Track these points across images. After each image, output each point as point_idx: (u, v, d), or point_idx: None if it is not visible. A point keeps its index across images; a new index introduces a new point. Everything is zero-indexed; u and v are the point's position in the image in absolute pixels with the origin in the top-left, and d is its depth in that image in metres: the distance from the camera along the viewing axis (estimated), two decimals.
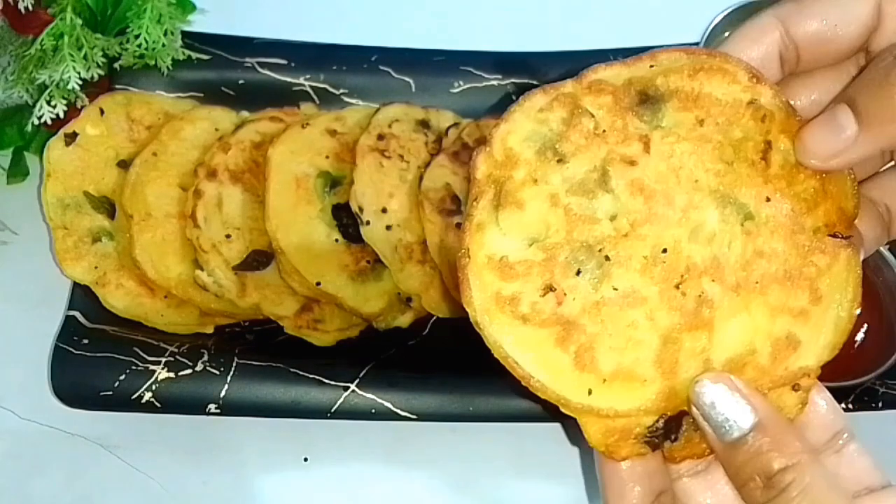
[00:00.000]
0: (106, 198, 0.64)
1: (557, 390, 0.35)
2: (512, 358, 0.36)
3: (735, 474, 0.34)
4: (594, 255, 0.36)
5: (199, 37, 0.70)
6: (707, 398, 0.34)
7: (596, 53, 0.71)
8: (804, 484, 0.32)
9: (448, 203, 0.63)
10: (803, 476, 0.32)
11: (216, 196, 0.63)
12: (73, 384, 0.58)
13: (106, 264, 0.63)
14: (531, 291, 0.36)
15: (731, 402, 0.34)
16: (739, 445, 0.34)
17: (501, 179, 0.36)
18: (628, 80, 0.37)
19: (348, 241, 0.63)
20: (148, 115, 0.67)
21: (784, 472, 0.33)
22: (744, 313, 0.36)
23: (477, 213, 0.36)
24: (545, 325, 0.35)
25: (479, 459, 0.61)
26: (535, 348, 0.36)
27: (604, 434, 0.36)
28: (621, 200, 0.36)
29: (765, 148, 0.36)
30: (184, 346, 0.60)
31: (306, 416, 0.59)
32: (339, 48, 0.72)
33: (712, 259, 0.36)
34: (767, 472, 0.33)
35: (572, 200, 0.36)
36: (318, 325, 0.62)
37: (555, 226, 0.36)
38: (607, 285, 0.36)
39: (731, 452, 0.34)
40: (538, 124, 0.37)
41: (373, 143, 0.65)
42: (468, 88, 0.71)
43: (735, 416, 0.34)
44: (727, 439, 0.34)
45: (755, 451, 0.33)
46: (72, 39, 0.63)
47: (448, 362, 0.61)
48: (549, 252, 0.36)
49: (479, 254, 0.36)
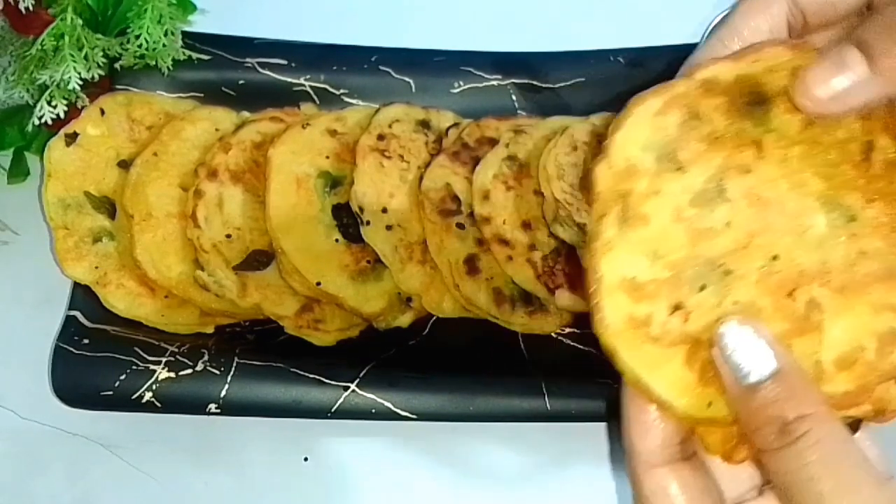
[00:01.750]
0: (107, 198, 0.64)
1: (683, 408, 0.35)
2: (644, 382, 0.34)
3: (748, 419, 0.33)
4: (716, 269, 0.35)
5: (199, 37, 0.70)
6: (730, 340, 0.33)
7: (596, 53, 0.72)
8: (819, 436, 0.31)
9: (448, 203, 0.63)
10: (820, 428, 0.32)
11: (217, 196, 0.63)
12: (73, 384, 0.59)
13: (107, 264, 0.63)
14: (660, 311, 0.34)
15: (754, 346, 0.33)
16: (757, 390, 0.33)
17: (624, 193, 0.35)
18: (737, 79, 0.36)
19: (349, 241, 0.63)
20: (149, 116, 0.67)
21: (800, 420, 0.32)
22: (849, 313, 0.35)
23: (605, 230, 0.35)
24: (674, 345, 0.34)
25: (479, 459, 0.61)
26: (665, 369, 0.35)
27: (722, 441, 0.36)
28: (737, 210, 0.35)
29: (867, 147, 0.35)
30: (184, 345, 0.60)
31: (306, 415, 0.59)
32: (339, 48, 0.72)
33: (820, 264, 0.35)
34: (783, 419, 0.32)
35: (694, 213, 0.35)
36: (319, 325, 0.62)
37: (678, 240, 0.35)
38: (729, 300, 0.35)
39: (748, 396, 0.33)
40: (655, 131, 0.35)
41: (373, 144, 0.65)
42: (468, 88, 0.71)
43: (757, 361, 0.33)
44: (745, 383, 0.33)
45: (773, 397, 0.32)
46: (72, 40, 0.63)
47: (448, 362, 0.61)
48: (675, 269, 0.35)
49: (611, 275, 0.34)
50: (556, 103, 0.71)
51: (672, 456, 0.36)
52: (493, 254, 0.62)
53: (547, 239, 0.63)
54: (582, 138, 0.65)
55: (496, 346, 0.63)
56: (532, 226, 0.63)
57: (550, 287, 0.62)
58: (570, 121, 0.67)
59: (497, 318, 0.62)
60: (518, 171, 0.65)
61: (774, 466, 0.33)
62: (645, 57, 0.71)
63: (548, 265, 0.62)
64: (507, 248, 0.62)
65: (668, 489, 0.36)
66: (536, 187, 0.64)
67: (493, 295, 0.62)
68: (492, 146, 0.66)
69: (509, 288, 0.63)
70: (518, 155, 0.65)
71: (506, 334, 0.63)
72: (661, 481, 0.36)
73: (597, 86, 0.70)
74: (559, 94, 0.71)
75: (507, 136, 0.66)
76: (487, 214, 0.63)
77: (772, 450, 0.32)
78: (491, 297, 0.62)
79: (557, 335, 0.64)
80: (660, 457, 0.36)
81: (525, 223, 0.63)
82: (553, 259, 0.62)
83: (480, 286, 0.62)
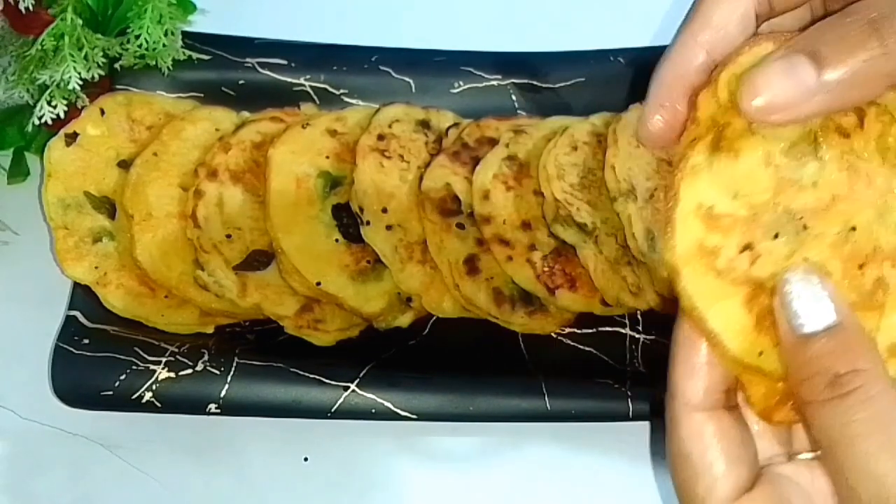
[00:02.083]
0: (107, 198, 0.64)
1: (734, 349, 0.34)
2: (700, 310, 0.34)
3: (799, 369, 0.32)
4: (794, 221, 0.34)
5: (199, 37, 0.70)
6: (794, 287, 0.33)
7: (596, 53, 0.72)
8: (870, 394, 0.31)
9: (448, 203, 0.63)
10: (871, 386, 0.31)
11: (217, 196, 0.63)
12: (73, 384, 0.59)
13: (107, 264, 0.63)
14: (731, 247, 0.34)
15: (817, 297, 0.33)
16: (812, 340, 0.32)
17: (722, 124, 0.35)
18: None
19: (349, 241, 0.63)
20: (149, 116, 0.67)
21: (854, 374, 0.31)
22: None
23: (694, 155, 0.34)
24: (736, 284, 0.34)
25: (478, 459, 0.61)
26: (724, 305, 0.34)
27: (765, 395, 0.35)
28: (827, 171, 0.35)
29: None
30: (184, 345, 0.60)
31: (306, 415, 0.59)
32: (339, 48, 0.72)
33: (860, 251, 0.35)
34: (835, 371, 0.31)
35: (784, 162, 0.35)
36: (319, 324, 0.62)
37: (763, 184, 0.34)
38: (800, 254, 0.34)
39: (802, 346, 0.32)
40: None
41: (373, 144, 0.65)
42: (468, 88, 0.71)
43: (816, 312, 0.32)
44: (801, 332, 0.32)
45: (828, 349, 0.32)
46: (72, 40, 0.63)
47: (448, 362, 0.61)
48: (754, 210, 0.34)
49: (690, 198, 0.34)
50: (556, 103, 0.71)
51: (715, 402, 0.36)
52: (493, 254, 0.62)
53: (547, 239, 0.63)
54: (582, 138, 0.65)
55: (496, 346, 0.63)
56: (532, 226, 0.63)
57: (550, 287, 0.62)
58: (570, 121, 0.67)
59: (497, 318, 0.62)
60: (518, 171, 0.65)
61: (820, 420, 0.32)
62: (645, 57, 0.71)
63: (548, 265, 0.62)
64: (507, 248, 0.62)
65: (704, 434, 0.35)
66: (536, 187, 0.64)
67: (493, 295, 0.62)
68: (492, 146, 0.66)
69: (509, 288, 0.63)
70: (518, 155, 0.65)
71: (506, 334, 0.63)
72: (699, 425, 0.36)
73: (597, 86, 0.70)
74: (559, 94, 0.71)
75: (507, 136, 0.66)
76: (487, 214, 0.63)
77: (819, 401, 0.31)
78: (491, 297, 0.62)
79: (557, 335, 0.64)
80: (702, 401, 0.35)
81: (525, 223, 0.63)
82: (553, 259, 0.62)
83: (480, 286, 0.62)
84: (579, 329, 0.64)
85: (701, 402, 0.36)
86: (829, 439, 0.32)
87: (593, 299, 0.62)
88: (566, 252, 0.63)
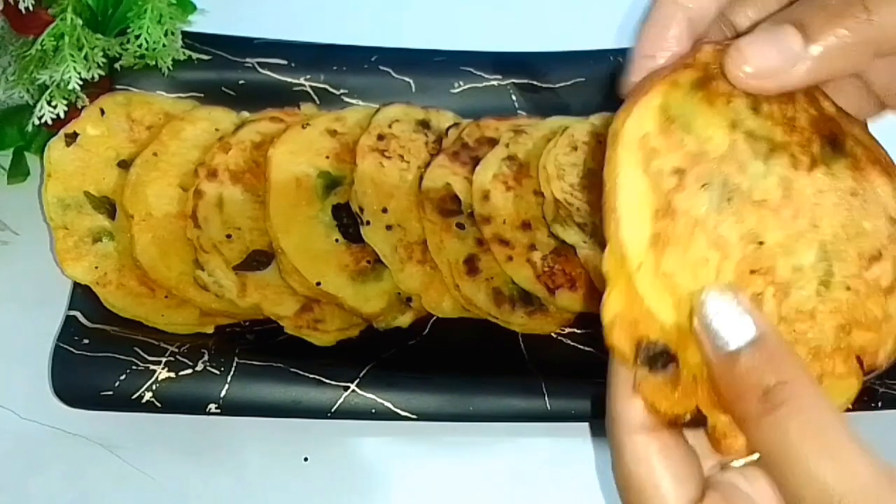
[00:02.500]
0: (106, 198, 0.64)
1: (624, 241, 0.34)
2: (618, 184, 0.34)
3: (728, 388, 0.33)
4: (723, 190, 0.35)
5: (199, 37, 0.70)
6: (712, 306, 0.33)
7: (596, 53, 0.72)
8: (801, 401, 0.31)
9: (448, 203, 0.63)
10: (801, 393, 0.31)
11: (217, 196, 0.63)
12: (73, 384, 0.59)
13: (106, 264, 0.63)
14: (668, 160, 0.35)
15: (735, 313, 0.33)
16: (737, 357, 0.32)
17: (714, 72, 0.35)
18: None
19: (348, 241, 0.63)
20: (148, 116, 0.67)
21: (782, 385, 0.31)
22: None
23: (681, 73, 0.35)
24: (657, 193, 0.35)
25: (478, 459, 0.61)
26: (637, 196, 0.34)
27: (620, 314, 0.35)
28: (767, 180, 0.35)
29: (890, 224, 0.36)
30: (184, 346, 0.60)
31: (306, 415, 0.59)
32: (339, 48, 0.72)
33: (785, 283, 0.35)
34: (765, 385, 0.31)
35: (742, 143, 0.35)
36: (319, 324, 0.62)
37: (719, 143, 0.35)
38: (712, 218, 0.35)
39: (728, 364, 0.32)
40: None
41: (373, 144, 0.65)
42: (468, 88, 0.71)
43: (737, 327, 0.33)
44: (726, 350, 0.33)
45: (754, 363, 0.32)
46: (72, 40, 0.63)
47: (448, 362, 0.61)
48: (701, 154, 0.35)
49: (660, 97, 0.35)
50: (555, 103, 0.71)
51: (655, 423, 0.36)
52: (493, 254, 0.62)
53: (547, 239, 0.63)
54: (582, 138, 0.65)
55: (496, 346, 0.63)
56: (532, 226, 0.63)
57: (550, 287, 0.62)
58: (570, 121, 0.67)
59: (497, 318, 0.62)
60: (518, 171, 0.65)
61: (759, 434, 0.32)
62: None
63: (548, 265, 0.62)
64: (507, 248, 0.62)
65: (649, 455, 0.36)
66: (536, 187, 0.64)
67: (492, 295, 0.62)
68: (492, 146, 0.66)
69: (509, 288, 0.63)
70: (518, 155, 0.65)
71: (506, 334, 0.63)
72: (643, 447, 0.36)
73: (597, 86, 0.70)
74: (559, 94, 0.72)
75: (507, 136, 0.66)
76: (487, 214, 0.63)
77: (755, 416, 0.32)
78: (491, 297, 0.62)
79: (557, 335, 0.64)
80: (643, 422, 0.36)
81: (525, 223, 0.63)
82: (553, 259, 0.62)
83: (480, 286, 0.62)
84: (579, 329, 0.64)
85: (641, 424, 0.36)
86: (770, 451, 0.32)
87: (593, 299, 0.62)
88: (566, 252, 0.63)
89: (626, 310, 0.35)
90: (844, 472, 0.30)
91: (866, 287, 0.36)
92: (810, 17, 0.33)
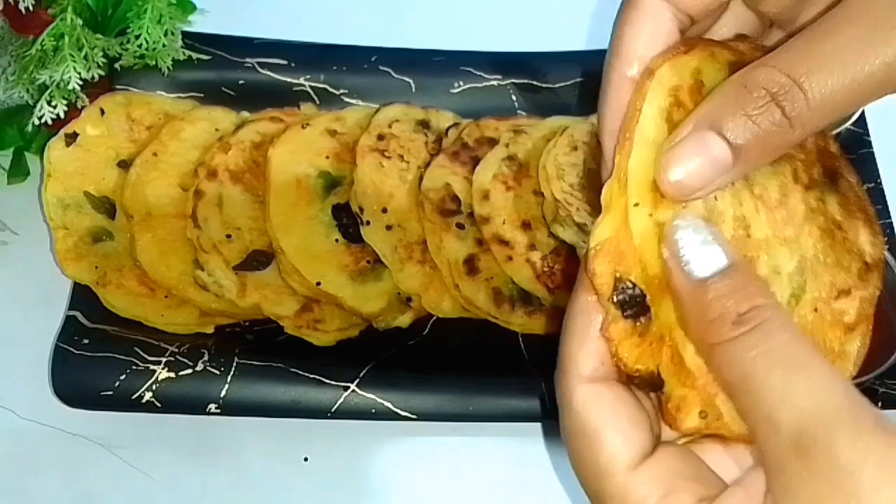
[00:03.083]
0: (106, 198, 0.64)
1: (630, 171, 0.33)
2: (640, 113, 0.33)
3: (701, 313, 0.32)
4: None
5: (199, 37, 0.70)
6: (683, 234, 0.33)
7: (596, 53, 0.72)
8: (774, 325, 0.31)
9: (448, 203, 0.63)
10: (774, 318, 0.31)
11: (216, 196, 0.63)
12: (73, 384, 0.59)
13: (106, 264, 0.63)
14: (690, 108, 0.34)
15: (706, 242, 0.32)
16: (709, 284, 0.32)
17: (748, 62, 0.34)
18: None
19: (348, 241, 0.63)
20: (148, 116, 0.67)
21: (755, 310, 0.31)
22: None
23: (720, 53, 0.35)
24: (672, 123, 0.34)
25: (479, 459, 0.61)
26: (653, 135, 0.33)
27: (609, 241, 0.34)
28: (770, 180, 0.35)
29: (863, 268, 0.37)
30: (184, 345, 0.60)
31: (306, 415, 0.59)
32: (339, 48, 0.72)
33: (764, 279, 0.35)
34: (739, 308, 0.31)
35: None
36: (318, 324, 0.62)
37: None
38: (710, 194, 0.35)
39: (699, 291, 0.32)
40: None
41: (373, 144, 0.65)
42: (468, 88, 0.71)
43: (708, 255, 0.32)
44: (696, 276, 0.32)
45: (726, 290, 0.32)
46: (72, 40, 0.63)
47: (448, 362, 0.61)
48: None
49: (697, 63, 0.34)
50: (555, 103, 0.71)
51: (607, 374, 0.35)
52: (492, 254, 0.62)
53: (547, 239, 0.63)
54: (581, 138, 0.65)
55: (496, 346, 0.63)
56: (532, 226, 0.63)
57: (550, 287, 0.62)
58: (570, 121, 0.67)
59: (497, 318, 0.62)
60: (518, 171, 0.65)
61: (730, 359, 0.31)
62: None
63: (548, 265, 0.62)
64: (507, 248, 0.62)
65: (601, 403, 0.34)
66: (536, 187, 0.64)
67: (492, 295, 0.62)
68: (491, 146, 0.66)
69: (509, 288, 0.63)
70: (518, 155, 0.65)
71: (505, 334, 0.63)
72: (594, 395, 0.34)
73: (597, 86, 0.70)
74: (559, 94, 0.72)
75: (507, 136, 0.66)
76: (487, 214, 0.63)
77: (726, 340, 0.31)
78: (490, 297, 0.62)
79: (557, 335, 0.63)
80: (596, 372, 0.35)
81: (525, 223, 0.63)
82: (553, 259, 0.62)
83: (480, 286, 0.62)
84: None
85: (594, 373, 0.35)
86: (742, 375, 0.31)
87: None
88: (566, 252, 0.63)
89: (615, 240, 0.34)
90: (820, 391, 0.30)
91: (831, 316, 0.36)
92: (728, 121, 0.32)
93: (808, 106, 0.31)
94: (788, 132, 0.31)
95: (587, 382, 0.35)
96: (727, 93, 0.33)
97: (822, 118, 0.32)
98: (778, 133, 0.31)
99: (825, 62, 0.31)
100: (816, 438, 0.29)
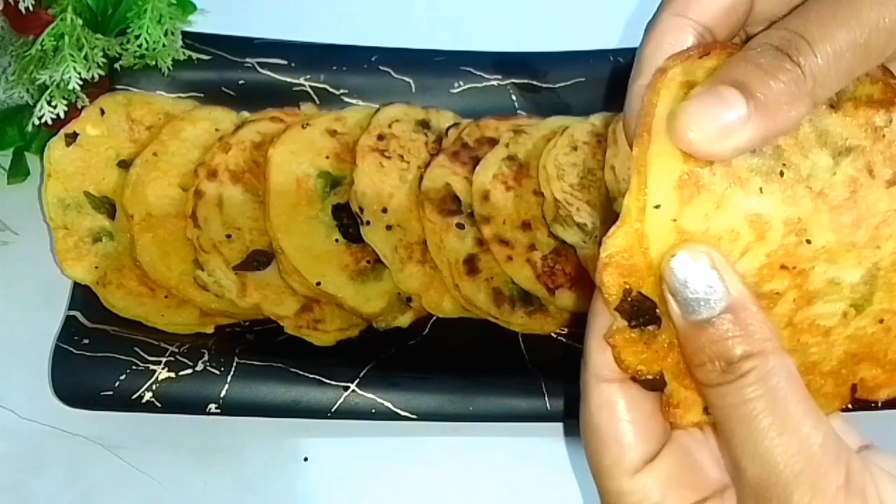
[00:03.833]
0: (106, 198, 0.64)
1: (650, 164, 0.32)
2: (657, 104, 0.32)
3: (693, 354, 0.32)
4: (777, 160, 0.32)
5: (199, 37, 0.70)
6: (680, 273, 0.32)
7: (596, 53, 0.72)
8: (764, 373, 0.31)
9: (448, 203, 0.63)
10: (765, 365, 0.31)
11: (216, 196, 0.63)
12: (73, 384, 0.59)
13: (106, 264, 0.63)
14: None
15: (706, 280, 0.32)
16: (705, 326, 0.32)
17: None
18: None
19: (348, 241, 0.63)
20: (148, 116, 0.67)
21: (746, 358, 0.31)
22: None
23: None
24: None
25: (479, 459, 0.61)
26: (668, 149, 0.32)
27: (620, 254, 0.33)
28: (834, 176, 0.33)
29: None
30: (184, 346, 0.60)
31: (306, 416, 0.59)
32: (339, 48, 0.72)
33: (814, 293, 0.33)
34: (729, 357, 0.31)
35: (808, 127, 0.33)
36: (319, 325, 0.62)
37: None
38: (755, 181, 0.32)
39: (695, 332, 0.32)
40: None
41: (373, 144, 0.65)
42: (468, 88, 0.71)
43: (707, 296, 0.32)
44: (693, 318, 0.32)
45: (720, 334, 0.31)
46: (72, 40, 0.63)
47: (448, 362, 0.61)
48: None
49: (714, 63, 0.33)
50: (555, 103, 0.71)
51: (625, 375, 0.36)
52: (493, 254, 0.62)
53: (547, 239, 0.63)
54: (582, 138, 0.65)
55: (496, 346, 0.63)
56: (532, 226, 0.63)
57: (550, 287, 0.62)
58: (570, 121, 0.67)
59: (497, 318, 0.62)
60: (518, 171, 0.65)
61: (714, 400, 0.32)
62: None
63: (548, 265, 0.62)
64: (507, 248, 0.62)
65: (613, 405, 0.36)
66: (536, 187, 0.64)
67: (492, 295, 0.62)
68: (491, 146, 0.66)
69: (509, 288, 0.63)
70: (518, 155, 0.65)
71: (506, 334, 0.63)
72: (608, 396, 0.36)
73: (597, 86, 0.70)
74: (559, 94, 0.72)
75: (507, 136, 0.66)
76: (487, 214, 0.63)
77: (713, 386, 0.32)
78: (491, 297, 0.62)
79: (557, 335, 0.64)
80: (612, 372, 0.35)
81: (525, 223, 0.63)
82: (553, 259, 0.62)
83: (480, 286, 0.62)
84: (579, 329, 0.63)
85: (611, 374, 0.36)
86: (722, 419, 0.32)
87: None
88: (566, 252, 0.63)
89: (628, 253, 0.32)
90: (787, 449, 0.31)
91: None
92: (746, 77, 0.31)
93: (816, 55, 0.31)
94: (801, 80, 0.31)
95: (604, 382, 0.36)
96: (737, 55, 0.33)
97: (837, 72, 0.31)
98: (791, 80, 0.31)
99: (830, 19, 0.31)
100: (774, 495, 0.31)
